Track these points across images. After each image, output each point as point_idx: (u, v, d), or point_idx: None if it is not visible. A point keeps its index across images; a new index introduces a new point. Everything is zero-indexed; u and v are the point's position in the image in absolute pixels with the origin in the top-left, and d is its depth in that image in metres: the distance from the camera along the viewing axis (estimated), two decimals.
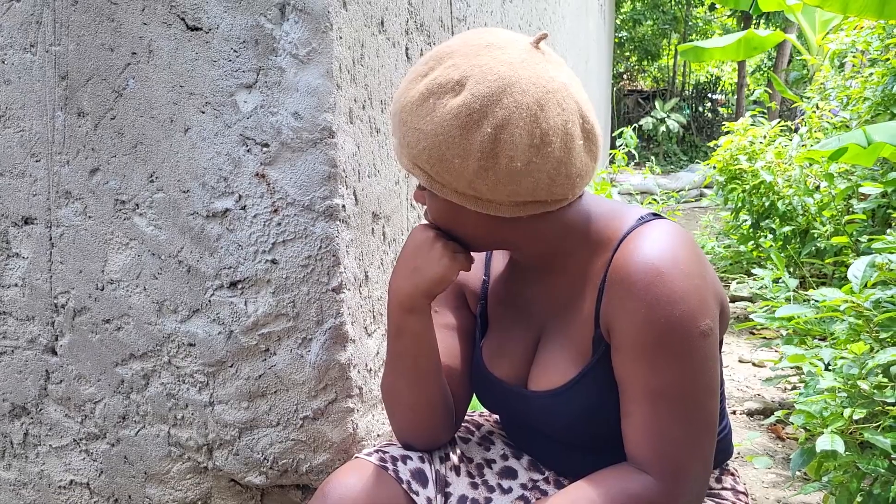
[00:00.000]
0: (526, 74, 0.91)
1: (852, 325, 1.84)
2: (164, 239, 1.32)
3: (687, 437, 0.93)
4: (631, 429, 0.96)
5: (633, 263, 0.94)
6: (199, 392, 1.36)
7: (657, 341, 0.92)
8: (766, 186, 4.14)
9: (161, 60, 1.28)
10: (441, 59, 0.94)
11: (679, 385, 0.93)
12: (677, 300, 0.91)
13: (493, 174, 0.91)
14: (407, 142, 0.95)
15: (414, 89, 0.94)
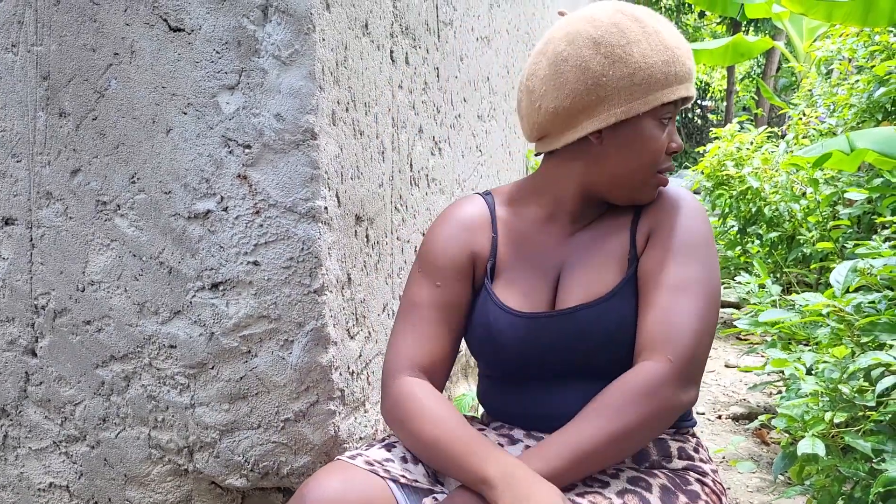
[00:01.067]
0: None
1: (834, 330, 1.85)
2: (146, 240, 1.32)
3: (698, 326, 1.03)
4: (651, 315, 1.05)
5: (674, 190, 1.16)
6: (180, 394, 1.35)
7: (691, 242, 1.09)
8: (752, 192, 4.16)
9: (143, 61, 1.27)
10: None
11: (699, 282, 1.06)
12: (703, 219, 1.13)
13: None
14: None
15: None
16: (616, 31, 1.07)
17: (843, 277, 1.87)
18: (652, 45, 1.07)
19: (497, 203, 1.22)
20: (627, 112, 1.07)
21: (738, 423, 3.01)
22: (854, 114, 3.57)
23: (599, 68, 1.07)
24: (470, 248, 1.18)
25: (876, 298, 1.81)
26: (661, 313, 1.04)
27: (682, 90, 1.10)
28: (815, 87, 4.51)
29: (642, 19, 1.09)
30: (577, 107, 1.08)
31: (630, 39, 1.07)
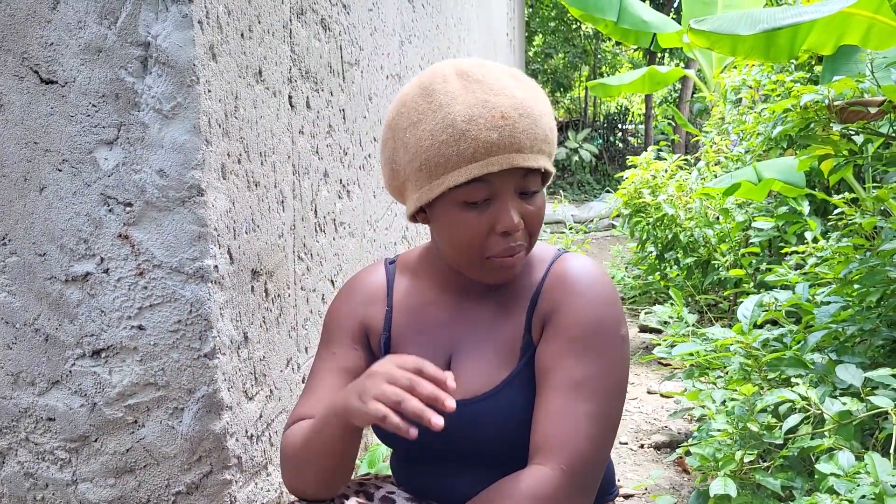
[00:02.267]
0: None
1: (743, 365, 1.87)
2: (19, 306, 1.23)
3: (593, 430, 0.96)
4: (543, 416, 0.98)
5: (576, 271, 1.05)
6: (61, 470, 1.26)
7: (589, 334, 1.00)
8: (668, 219, 4.25)
9: (13, 115, 1.19)
10: (489, 67, 1.00)
11: (597, 379, 0.98)
12: (609, 303, 1.02)
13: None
14: (548, 130, 0.99)
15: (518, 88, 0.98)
16: (404, 112, 1.00)
17: (749, 312, 1.90)
18: (433, 126, 0.96)
19: (398, 272, 1.18)
20: (420, 199, 0.99)
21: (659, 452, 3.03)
22: (761, 141, 3.69)
23: (391, 153, 1.02)
24: (362, 320, 1.15)
25: (781, 333, 1.84)
26: (554, 417, 0.97)
27: (478, 168, 0.95)
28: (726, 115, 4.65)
29: (434, 92, 0.97)
30: (391, 187, 1.07)
31: (412, 121, 0.98)
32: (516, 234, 1.00)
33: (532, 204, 1.01)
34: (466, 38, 4.21)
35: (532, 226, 1.02)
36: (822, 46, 2.75)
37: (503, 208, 0.98)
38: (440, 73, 0.99)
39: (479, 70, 0.98)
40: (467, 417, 1.04)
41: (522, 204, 1.00)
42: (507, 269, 1.02)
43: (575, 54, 16.43)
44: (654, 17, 5.94)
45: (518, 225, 0.98)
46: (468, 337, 1.10)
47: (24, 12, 1.16)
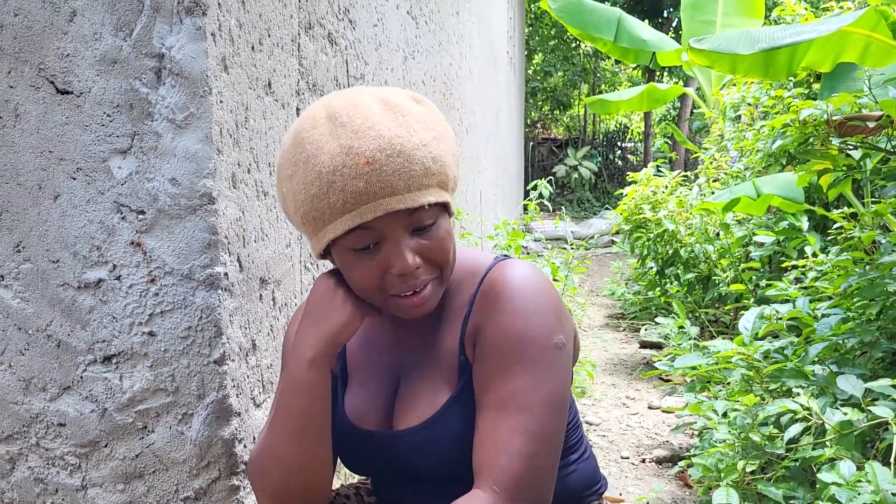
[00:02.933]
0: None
1: (744, 377, 1.89)
2: (32, 312, 1.24)
3: (525, 447, 0.93)
4: (476, 438, 0.96)
5: (501, 282, 1.01)
6: (71, 475, 1.27)
7: (513, 348, 0.96)
8: (669, 235, 4.27)
9: (29, 125, 1.21)
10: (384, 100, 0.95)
11: (525, 393, 0.94)
12: (536, 313, 0.98)
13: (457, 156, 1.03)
14: (430, 159, 0.94)
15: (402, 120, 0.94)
16: (282, 164, 0.97)
17: (751, 324, 1.91)
18: (304, 179, 0.93)
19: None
20: (315, 248, 0.99)
21: (661, 467, 3.03)
22: (761, 158, 3.72)
23: (282, 202, 1.01)
24: None
25: (783, 345, 1.86)
26: (484, 438, 0.94)
27: (352, 219, 0.91)
28: (725, 132, 4.69)
29: (303, 142, 0.93)
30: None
31: (288, 174, 0.96)
32: (416, 271, 0.96)
33: (429, 238, 0.96)
34: (468, 55, 4.25)
35: (436, 258, 0.98)
36: (820, 64, 2.79)
37: (393, 250, 0.94)
38: (311, 117, 0.95)
39: (346, 110, 0.93)
40: (410, 447, 1.05)
41: (418, 241, 0.96)
42: (414, 308, 0.98)
43: (574, 73, 16.55)
44: (653, 35, 6.00)
45: (412, 265, 0.94)
46: (413, 360, 1.09)
47: (42, 24, 1.19)
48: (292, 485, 1.04)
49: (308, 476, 1.04)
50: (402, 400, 1.08)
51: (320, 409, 1.02)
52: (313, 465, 1.04)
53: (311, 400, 1.01)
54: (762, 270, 3.58)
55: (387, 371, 1.12)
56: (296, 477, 1.04)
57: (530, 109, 17.30)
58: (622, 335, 5.26)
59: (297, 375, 1.00)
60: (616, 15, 5.90)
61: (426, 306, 0.99)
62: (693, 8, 6.15)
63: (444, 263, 0.99)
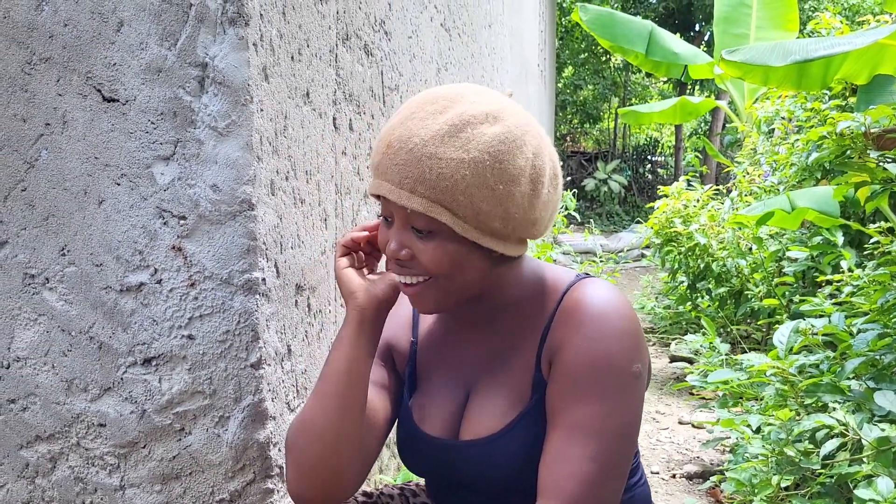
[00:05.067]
0: (530, 115, 1.02)
1: (779, 391, 1.86)
2: (75, 314, 1.27)
3: (592, 473, 0.92)
4: (545, 458, 0.96)
5: (583, 303, 1.00)
6: (110, 475, 1.29)
7: (591, 373, 0.95)
8: (700, 249, 4.23)
9: (76, 132, 1.25)
10: (453, 100, 0.96)
11: (600, 420, 0.94)
12: (617, 337, 0.97)
13: (533, 201, 0.98)
14: (435, 174, 0.92)
15: (435, 123, 0.94)
16: None
17: (786, 338, 1.89)
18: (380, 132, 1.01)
19: None
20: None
21: (692, 482, 2.99)
22: (794, 172, 3.68)
23: None
24: (389, 339, 1.19)
25: (818, 359, 1.84)
26: (553, 459, 0.95)
27: (371, 184, 1.00)
28: (758, 146, 4.65)
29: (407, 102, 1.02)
30: None
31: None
32: (405, 262, 1.00)
33: (423, 244, 0.98)
34: (500, 68, 4.27)
35: (423, 264, 0.99)
36: (856, 76, 2.76)
37: (392, 231, 1.00)
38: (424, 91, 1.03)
39: (417, 96, 1.00)
40: (475, 458, 1.05)
41: (414, 239, 0.98)
42: (410, 298, 1.04)
43: (605, 86, 16.50)
44: (685, 48, 5.98)
45: (393, 250, 0.99)
46: (485, 372, 1.10)
47: (90, 34, 1.22)
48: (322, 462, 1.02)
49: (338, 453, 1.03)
50: (472, 409, 1.08)
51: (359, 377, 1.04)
52: (346, 439, 1.03)
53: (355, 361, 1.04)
54: (796, 285, 3.53)
55: (458, 379, 1.12)
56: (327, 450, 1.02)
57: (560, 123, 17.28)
58: (652, 349, 5.22)
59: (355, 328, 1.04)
60: (648, 28, 5.89)
61: (421, 304, 1.03)
62: (726, 21, 6.12)
63: (435, 275, 0.99)
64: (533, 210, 0.98)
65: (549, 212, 1.03)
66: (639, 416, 0.99)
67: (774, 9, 5.96)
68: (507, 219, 0.96)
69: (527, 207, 0.97)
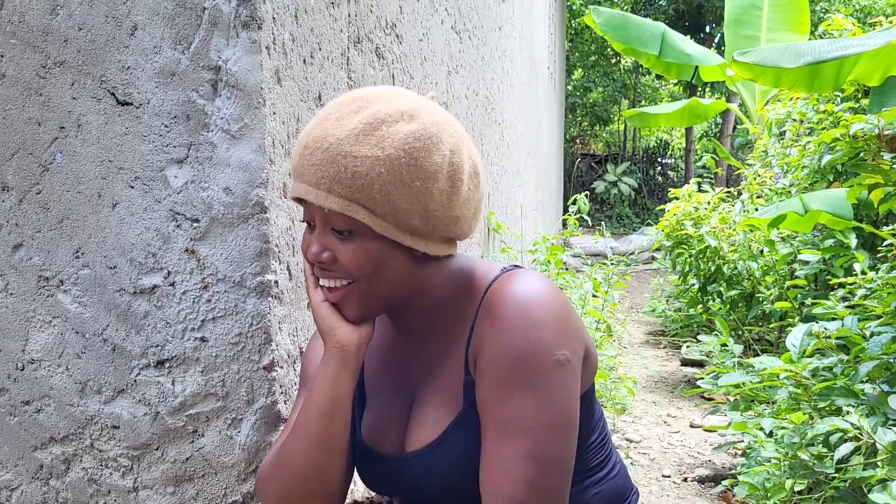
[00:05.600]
0: (448, 115, 1.01)
1: (792, 394, 1.85)
2: (89, 316, 1.28)
3: (529, 471, 0.90)
4: (481, 463, 0.94)
5: (500, 296, 0.98)
6: (123, 477, 1.30)
7: (511, 367, 0.93)
8: (711, 251, 4.22)
9: (90, 135, 1.25)
10: (370, 100, 0.96)
11: (528, 416, 0.91)
12: (534, 327, 0.93)
13: (452, 198, 0.96)
14: (350, 173, 0.92)
15: (350, 122, 0.94)
16: None
17: (798, 341, 1.88)
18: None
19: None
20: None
21: (703, 486, 2.98)
22: (806, 174, 3.66)
23: None
24: None
25: (832, 363, 1.83)
26: (488, 462, 0.93)
27: (294, 189, 0.98)
28: (769, 148, 4.63)
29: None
30: None
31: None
32: (327, 265, 0.99)
33: (343, 245, 0.97)
34: (510, 70, 4.27)
35: (344, 267, 0.98)
36: (868, 77, 2.75)
37: (313, 236, 1.00)
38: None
39: (341, 99, 0.98)
40: (418, 470, 1.05)
41: (334, 241, 0.98)
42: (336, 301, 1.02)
43: (615, 88, 16.48)
44: (697, 50, 5.97)
45: (315, 255, 0.99)
46: (423, 379, 1.09)
47: (105, 38, 1.23)
48: (299, 494, 1.04)
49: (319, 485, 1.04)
50: (413, 421, 1.08)
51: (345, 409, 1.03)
52: (328, 470, 1.04)
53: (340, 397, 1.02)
54: (808, 288, 3.51)
55: (401, 390, 1.11)
56: (305, 484, 1.03)
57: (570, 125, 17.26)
58: (663, 352, 5.20)
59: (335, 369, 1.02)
60: (660, 30, 5.88)
61: (346, 309, 1.01)
62: (737, 23, 6.11)
63: (357, 278, 0.99)
64: (453, 207, 0.98)
65: (471, 209, 1.01)
66: (572, 404, 0.95)
67: (785, 11, 5.94)
68: (426, 216, 0.95)
69: (446, 205, 0.97)
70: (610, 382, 3.53)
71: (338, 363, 1.02)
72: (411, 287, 1.03)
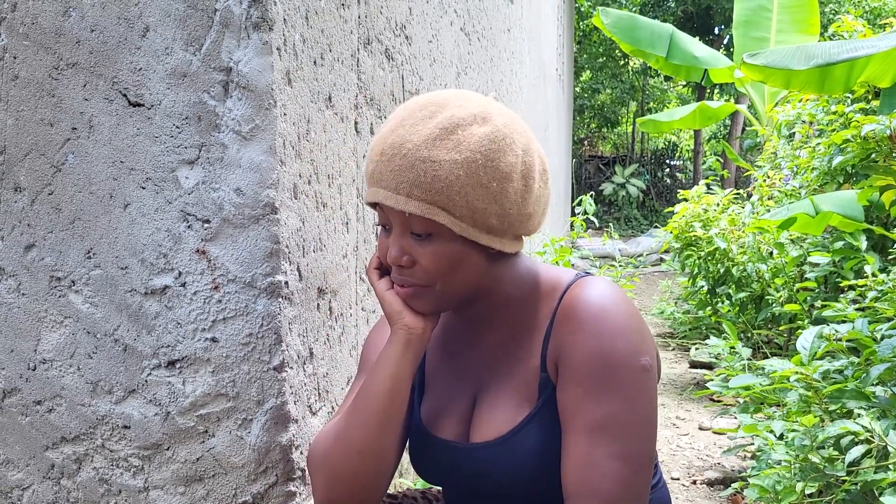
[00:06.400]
0: (515, 115, 1.03)
1: (802, 397, 1.85)
2: (101, 317, 1.29)
3: (623, 471, 0.93)
4: (568, 463, 0.96)
5: (583, 301, 1.00)
6: (134, 477, 1.30)
7: (601, 371, 0.96)
8: (720, 253, 4.21)
9: (102, 136, 1.26)
10: (441, 105, 0.99)
11: (618, 417, 0.94)
12: (621, 333, 0.97)
13: (525, 196, 0.99)
14: (430, 177, 0.94)
15: (426, 128, 0.96)
16: None
17: (809, 344, 1.87)
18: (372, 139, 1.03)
19: None
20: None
21: (713, 489, 2.97)
22: (817, 176, 3.65)
23: None
24: None
25: (842, 365, 1.82)
26: (580, 463, 0.94)
27: (367, 193, 1.02)
28: (779, 150, 4.62)
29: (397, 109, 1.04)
30: None
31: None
32: (404, 269, 1.02)
33: (422, 247, 0.99)
34: (518, 72, 4.27)
35: (422, 269, 1.00)
36: (879, 79, 2.74)
37: (392, 238, 1.02)
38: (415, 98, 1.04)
39: (406, 104, 1.02)
40: (485, 461, 1.05)
41: (413, 244, 1.00)
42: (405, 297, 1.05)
43: (623, 90, 16.45)
44: (705, 52, 5.95)
45: (394, 257, 1.01)
46: (491, 373, 1.10)
47: (116, 39, 1.23)
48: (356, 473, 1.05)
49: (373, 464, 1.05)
50: (480, 412, 1.08)
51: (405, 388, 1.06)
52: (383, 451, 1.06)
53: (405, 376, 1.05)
54: (818, 290, 3.50)
55: (466, 382, 1.13)
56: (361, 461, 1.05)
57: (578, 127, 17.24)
58: (671, 354, 5.19)
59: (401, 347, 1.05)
60: (669, 31, 5.87)
61: (418, 304, 1.04)
62: (746, 25, 6.09)
63: (430, 280, 1.01)
64: (526, 205, 1.01)
65: (541, 206, 1.05)
66: (655, 408, 0.99)
67: (795, 12, 5.92)
68: (502, 215, 0.98)
69: (520, 203, 1.00)
70: None
71: (402, 344, 1.05)
72: (485, 284, 1.05)
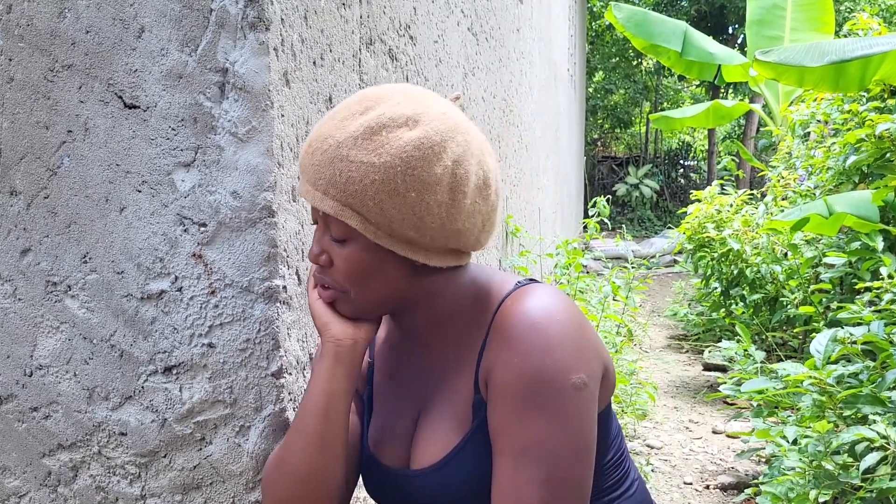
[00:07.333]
0: (466, 121, 0.97)
1: (816, 402, 1.80)
2: (97, 322, 1.27)
3: (546, 497, 0.87)
4: (494, 489, 0.91)
5: (512, 316, 0.94)
6: (131, 484, 1.28)
7: (526, 391, 0.89)
8: (734, 254, 4.16)
9: (97, 139, 1.24)
10: (378, 100, 0.94)
11: (543, 440, 0.88)
12: (549, 349, 0.89)
13: (452, 211, 0.92)
14: (345, 178, 0.90)
15: (353, 125, 0.92)
16: None
17: (823, 347, 1.83)
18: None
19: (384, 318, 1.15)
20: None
21: (726, 494, 2.93)
22: (831, 176, 3.59)
23: None
24: None
25: (857, 369, 1.78)
26: (505, 488, 0.89)
27: (298, 186, 0.98)
28: (793, 150, 4.56)
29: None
30: None
31: None
32: (324, 268, 0.99)
33: (339, 249, 0.96)
34: (528, 73, 4.24)
35: (336, 272, 0.97)
36: (895, 77, 2.68)
37: (314, 235, 1.00)
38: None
39: (350, 97, 0.97)
40: (425, 488, 1.02)
41: (332, 244, 0.97)
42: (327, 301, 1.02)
43: (636, 90, 16.37)
44: (720, 49, 5.90)
45: (315, 256, 0.99)
46: (431, 394, 1.06)
47: (112, 41, 1.21)
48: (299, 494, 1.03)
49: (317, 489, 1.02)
50: (419, 437, 1.05)
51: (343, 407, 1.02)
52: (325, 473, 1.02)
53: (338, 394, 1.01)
54: (833, 292, 3.44)
55: (407, 402, 1.09)
56: (302, 487, 1.02)
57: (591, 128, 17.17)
58: (685, 357, 5.13)
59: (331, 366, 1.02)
60: (682, 28, 5.82)
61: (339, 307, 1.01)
62: (759, 24, 6.02)
63: (347, 287, 0.98)
64: (453, 220, 0.93)
65: (477, 223, 0.96)
66: (588, 429, 0.91)
67: (809, 10, 5.85)
68: (421, 228, 0.92)
69: (445, 217, 0.92)
70: (630, 387, 3.48)
71: (332, 358, 1.01)
72: (413, 296, 1.01)
